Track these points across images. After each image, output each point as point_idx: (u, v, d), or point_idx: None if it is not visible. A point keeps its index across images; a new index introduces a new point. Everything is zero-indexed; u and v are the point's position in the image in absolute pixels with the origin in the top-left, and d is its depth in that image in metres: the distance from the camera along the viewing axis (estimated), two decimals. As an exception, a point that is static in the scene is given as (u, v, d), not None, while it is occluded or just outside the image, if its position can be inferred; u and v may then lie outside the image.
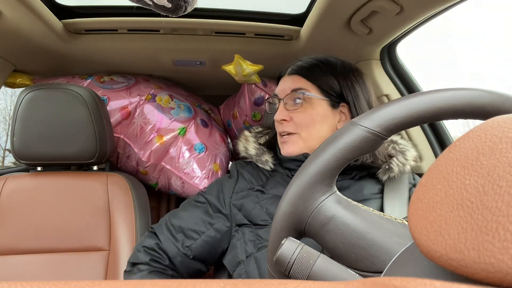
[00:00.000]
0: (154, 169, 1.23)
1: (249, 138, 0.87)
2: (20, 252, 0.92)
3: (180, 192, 1.23)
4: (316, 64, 0.78)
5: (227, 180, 0.83)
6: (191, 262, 0.76)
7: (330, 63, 0.79)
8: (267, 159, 0.81)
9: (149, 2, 0.40)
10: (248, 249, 0.71)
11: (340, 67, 0.78)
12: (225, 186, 0.81)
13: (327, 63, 0.78)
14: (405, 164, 0.73)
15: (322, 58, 0.80)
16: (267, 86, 1.29)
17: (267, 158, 0.81)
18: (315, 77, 0.76)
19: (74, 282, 0.16)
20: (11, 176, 1.00)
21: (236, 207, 0.77)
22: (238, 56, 1.11)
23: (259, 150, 0.83)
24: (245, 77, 1.15)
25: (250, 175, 0.82)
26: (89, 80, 1.26)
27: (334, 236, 0.35)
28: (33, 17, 0.92)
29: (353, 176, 0.75)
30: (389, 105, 0.37)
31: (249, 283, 0.17)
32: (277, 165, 0.82)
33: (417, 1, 0.79)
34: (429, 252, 0.19)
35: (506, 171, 0.17)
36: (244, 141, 0.87)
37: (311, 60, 0.80)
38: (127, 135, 1.21)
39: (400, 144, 0.76)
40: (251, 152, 0.84)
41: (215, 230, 0.76)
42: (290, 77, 0.79)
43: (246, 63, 1.12)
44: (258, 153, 0.83)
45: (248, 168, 0.84)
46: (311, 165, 0.37)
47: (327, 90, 0.75)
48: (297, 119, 0.75)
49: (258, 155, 0.82)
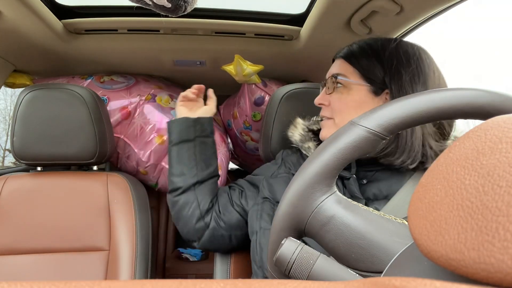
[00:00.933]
0: (154, 169, 1.23)
1: (298, 125, 0.86)
2: (20, 252, 0.92)
3: None
4: (363, 48, 0.74)
5: (271, 165, 0.87)
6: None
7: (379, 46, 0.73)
8: (309, 146, 0.81)
9: (149, 2, 0.40)
10: (262, 223, 0.74)
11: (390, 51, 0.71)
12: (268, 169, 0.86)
13: (376, 47, 0.73)
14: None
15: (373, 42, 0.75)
16: (267, 86, 1.29)
17: (309, 145, 0.81)
18: (358, 62, 0.73)
19: (74, 282, 0.16)
20: (11, 176, 1.00)
21: (268, 183, 0.81)
22: (238, 56, 1.11)
23: (304, 136, 0.83)
24: (245, 77, 1.15)
25: (292, 164, 0.84)
26: (89, 80, 1.26)
27: (334, 236, 0.35)
28: (33, 17, 0.92)
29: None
30: (389, 105, 0.37)
31: (249, 283, 0.17)
32: None
33: (417, 1, 0.79)
34: (429, 252, 0.19)
35: (506, 171, 0.17)
36: (293, 127, 0.87)
37: (362, 44, 0.76)
38: (127, 135, 1.21)
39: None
40: (296, 137, 0.84)
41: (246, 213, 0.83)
42: (337, 61, 0.77)
43: (246, 63, 1.12)
44: (302, 139, 0.83)
45: (292, 157, 0.85)
46: (311, 165, 0.37)
47: (370, 76, 0.71)
48: (332, 104, 0.75)
49: (302, 141, 0.82)
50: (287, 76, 1.41)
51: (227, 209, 0.83)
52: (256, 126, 1.34)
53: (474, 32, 10.07)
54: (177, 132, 0.86)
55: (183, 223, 0.83)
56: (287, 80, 1.40)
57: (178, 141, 0.85)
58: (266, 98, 1.27)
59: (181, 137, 0.85)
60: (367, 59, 0.72)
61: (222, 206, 0.83)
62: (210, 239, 0.82)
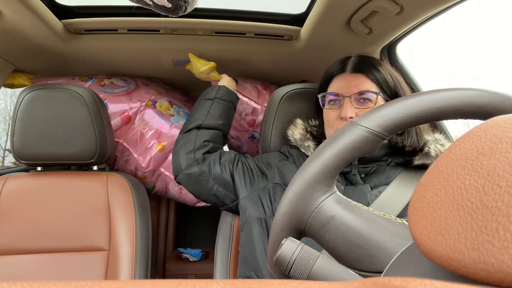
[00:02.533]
0: (153, 175, 1.23)
1: (298, 125, 0.91)
2: (20, 252, 0.92)
3: (177, 197, 1.24)
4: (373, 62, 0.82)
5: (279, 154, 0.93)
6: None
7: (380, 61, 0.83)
8: (309, 145, 0.86)
9: (149, 2, 0.40)
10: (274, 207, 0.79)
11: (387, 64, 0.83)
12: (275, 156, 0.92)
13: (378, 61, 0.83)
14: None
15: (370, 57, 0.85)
16: (238, 83, 1.29)
17: (309, 144, 0.86)
18: (376, 76, 0.79)
19: (74, 282, 0.16)
20: (11, 176, 1.00)
21: (278, 169, 0.86)
22: (192, 55, 1.14)
23: (303, 136, 0.88)
24: (201, 74, 1.18)
25: (296, 156, 0.89)
26: (89, 82, 1.26)
27: (334, 236, 0.35)
28: (33, 17, 0.92)
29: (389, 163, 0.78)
30: (389, 105, 0.37)
31: (249, 283, 0.17)
32: None
33: (417, 1, 0.79)
34: (429, 252, 0.19)
35: (506, 171, 0.17)
36: (293, 127, 0.91)
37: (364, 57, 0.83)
38: (127, 140, 1.21)
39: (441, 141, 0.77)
40: (296, 136, 0.89)
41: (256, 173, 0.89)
42: (353, 75, 0.80)
43: (200, 61, 1.15)
44: (302, 138, 0.87)
45: (294, 151, 0.90)
46: (311, 165, 0.37)
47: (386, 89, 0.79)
48: None
49: (302, 140, 0.87)
50: (287, 76, 1.41)
51: (226, 166, 0.89)
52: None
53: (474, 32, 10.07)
54: (204, 93, 1.04)
55: (175, 154, 0.93)
56: (287, 80, 1.40)
57: (201, 98, 1.03)
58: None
59: (204, 96, 1.03)
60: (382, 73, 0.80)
61: (223, 160, 0.90)
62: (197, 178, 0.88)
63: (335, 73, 0.84)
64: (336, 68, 0.85)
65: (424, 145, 0.76)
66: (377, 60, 0.83)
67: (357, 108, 0.78)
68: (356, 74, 0.80)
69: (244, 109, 1.28)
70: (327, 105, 0.83)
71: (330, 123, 0.82)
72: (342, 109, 0.79)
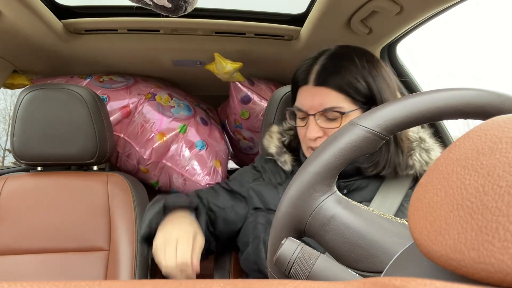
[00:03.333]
0: (155, 167, 1.23)
1: (274, 134, 0.85)
2: (20, 252, 0.92)
3: (182, 189, 1.23)
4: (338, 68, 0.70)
5: (251, 170, 0.86)
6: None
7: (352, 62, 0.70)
8: (285, 160, 0.80)
9: (149, 2, 0.40)
10: (257, 232, 0.74)
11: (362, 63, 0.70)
12: (247, 174, 0.85)
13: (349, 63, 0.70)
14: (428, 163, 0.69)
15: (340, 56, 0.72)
16: (255, 84, 1.30)
17: (286, 159, 0.80)
18: (343, 87, 0.69)
19: (74, 282, 0.16)
20: (11, 176, 1.00)
21: (254, 191, 0.80)
22: (218, 55, 1.12)
23: (280, 149, 0.82)
24: (226, 75, 1.16)
25: (271, 172, 0.83)
26: (88, 79, 1.26)
27: (334, 236, 0.35)
28: (33, 17, 0.92)
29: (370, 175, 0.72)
30: (389, 105, 0.37)
31: (249, 283, 0.17)
32: (297, 165, 0.81)
33: (417, 1, 0.79)
34: (429, 252, 0.19)
35: (506, 171, 0.17)
36: (268, 137, 0.85)
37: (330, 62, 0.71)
38: (128, 133, 1.21)
39: (427, 142, 0.72)
40: (271, 150, 0.83)
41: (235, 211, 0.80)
42: (317, 89, 0.70)
43: (226, 61, 1.13)
44: (278, 152, 0.82)
45: (270, 165, 0.85)
46: (311, 165, 0.37)
47: (358, 98, 0.69)
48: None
49: (278, 154, 0.81)
50: (287, 76, 1.41)
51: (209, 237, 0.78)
52: (245, 124, 1.35)
53: (474, 32, 10.08)
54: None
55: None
56: (287, 80, 1.40)
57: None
58: (252, 96, 1.28)
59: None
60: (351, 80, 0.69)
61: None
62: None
63: (300, 83, 0.74)
64: (300, 77, 0.74)
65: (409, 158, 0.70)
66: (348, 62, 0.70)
67: (324, 127, 0.70)
68: (319, 87, 0.70)
69: (261, 110, 1.28)
70: (298, 121, 0.76)
71: (303, 140, 0.75)
72: (308, 128, 0.71)
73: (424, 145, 0.72)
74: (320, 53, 0.74)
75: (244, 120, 1.33)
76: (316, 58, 0.73)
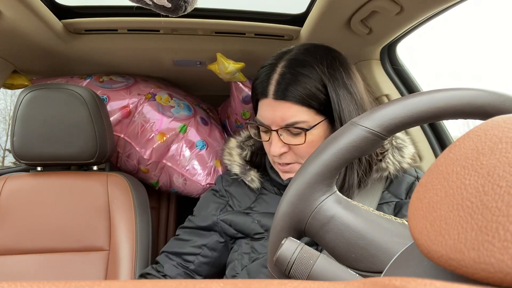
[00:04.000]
0: (156, 167, 1.23)
1: (233, 150, 0.80)
2: (20, 252, 0.92)
3: (182, 189, 1.23)
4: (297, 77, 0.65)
5: (214, 199, 0.81)
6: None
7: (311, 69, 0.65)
8: (252, 178, 0.76)
9: (149, 2, 0.40)
10: (243, 262, 0.71)
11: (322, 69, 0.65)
12: (210, 205, 0.80)
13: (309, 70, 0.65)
14: (401, 162, 0.68)
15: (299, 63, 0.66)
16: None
17: (252, 177, 0.76)
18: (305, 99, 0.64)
19: (74, 282, 0.16)
20: (11, 176, 1.00)
21: (226, 223, 0.76)
22: (220, 55, 1.12)
23: (243, 167, 0.77)
24: (228, 75, 1.16)
25: (237, 196, 0.78)
26: (88, 80, 1.26)
27: (334, 236, 0.35)
28: (33, 17, 0.92)
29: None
30: (389, 105, 0.37)
31: (249, 283, 0.17)
32: (265, 181, 0.77)
33: (417, 1, 0.79)
34: (429, 252, 0.19)
35: (506, 171, 0.17)
36: (228, 156, 0.81)
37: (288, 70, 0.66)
38: (128, 134, 1.21)
39: (398, 138, 0.70)
40: (235, 170, 0.78)
41: (210, 249, 0.78)
42: (277, 103, 0.65)
43: (228, 61, 1.13)
44: (242, 171, 0.77)
45: (234, 188, 0.79)
46: (311, 165, 0.37)
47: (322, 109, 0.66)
48: (298, 151, 0.67)
49: (242, 173, 0.77)
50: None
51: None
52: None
53: (474, 32, 10.09)
54: None
55: None
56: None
57: None
58: None
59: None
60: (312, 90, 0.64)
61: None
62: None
63: (259, 95, 0.69)
64: (259, 88, 0.69)
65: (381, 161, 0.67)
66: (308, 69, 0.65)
67: (287, 143, 0.66)
68: (279, 101, 0.65)
69: None
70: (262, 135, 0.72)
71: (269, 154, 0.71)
72: (271, 144, 0.68)
73: (396, 143, 0.70)
74: (279, 56, 0.70)
75: (245, 120, 1.33)
76: (274, 65, 0.68)
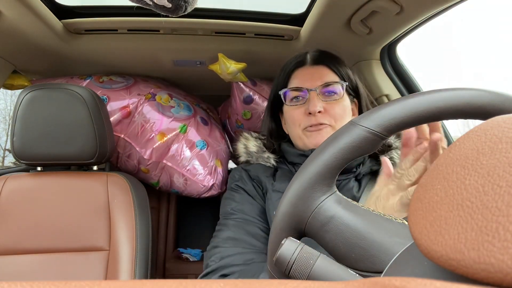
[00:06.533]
0: (156, 167, 1.23)
1: (249, 137, 0.86)
2: (20, 252, 0.92)
3: (183, 189, 1.23)
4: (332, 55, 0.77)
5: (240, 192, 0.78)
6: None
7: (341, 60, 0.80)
8: (268, 156, 0.80)
9: (149, 2, 0.40)
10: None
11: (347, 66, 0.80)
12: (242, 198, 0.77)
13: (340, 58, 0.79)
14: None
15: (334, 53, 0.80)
16: (257, 85, 1.29)
17: (268, 155, 0.81)
18: (339, 69, 0.74)
19: (74, 282, 0.16)
20: (11, 176, 1.00)
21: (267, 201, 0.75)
22: (222, 55, 1.12)
23: (260, 148, 0.83)
24: (229, 75, 1.16)
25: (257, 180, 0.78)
26: (88, 80, 1.26)
27: (334, 236, 0.35)
28: (33, 17, 0.92)
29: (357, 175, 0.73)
30: (389, 105, 0.37)
31: (249, 283, 0.17)
32: (280, 162, 0.82)
33: (417, 1, 0.79)
34: (429, 252, 0.19)
35: (506, 171, 0.17)
36: (244, 140, 0.86)
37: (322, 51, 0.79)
38: (128, 134, 1.21)
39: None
40: (252, 149, 0.82)
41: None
42: (316, 68, 0.75)
43: (229, 61, 1.13)
44: (259, 150, 0.82)
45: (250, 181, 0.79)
46: (311, 165, 0.37)
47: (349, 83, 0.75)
48: (333, 111, 0.73)
49: (259, 152, 0.82)
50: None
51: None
52: (247, 124, 1.35)
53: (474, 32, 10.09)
54: None
55: None
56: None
57: None
58: (255, 97, 1.28)
59: None
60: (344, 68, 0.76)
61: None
62: None
63: (293, 67, 0.78)
64: (293, 62, 0.79)
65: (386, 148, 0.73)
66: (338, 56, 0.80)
67: (324, 101, 0.72)
68: (317, 66, 0.75)
69: (263, 111, 1.28)
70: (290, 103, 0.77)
71: (296, 121, 0.75)
72: (310, 103, 0.72)
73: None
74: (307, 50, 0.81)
75: (246, 120, 1.33)
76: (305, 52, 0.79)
